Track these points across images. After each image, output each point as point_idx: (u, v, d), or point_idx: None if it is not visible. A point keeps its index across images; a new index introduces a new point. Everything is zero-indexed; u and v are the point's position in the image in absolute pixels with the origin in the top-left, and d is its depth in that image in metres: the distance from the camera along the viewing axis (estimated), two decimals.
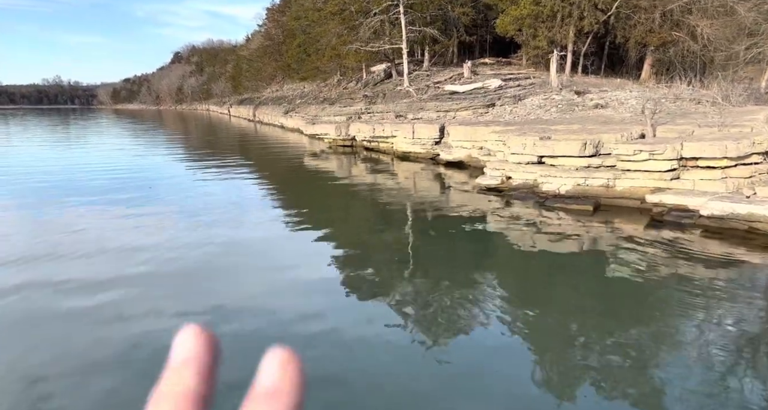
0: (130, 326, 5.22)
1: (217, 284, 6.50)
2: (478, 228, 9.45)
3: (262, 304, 5.84)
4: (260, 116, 52.79)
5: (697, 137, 9.11)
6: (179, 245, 8.14)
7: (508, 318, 5.55)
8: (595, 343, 4.94)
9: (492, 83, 19.90)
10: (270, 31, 59.51)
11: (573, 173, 10.26)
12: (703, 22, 20.42)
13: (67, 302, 5.85)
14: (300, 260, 7.67)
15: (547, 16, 22.42)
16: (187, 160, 20.92)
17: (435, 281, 6.65)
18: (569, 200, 10.01)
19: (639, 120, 12.75)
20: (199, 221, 9.74)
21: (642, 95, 16.45)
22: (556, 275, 6.95)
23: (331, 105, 31.45)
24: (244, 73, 70.64)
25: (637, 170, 9.26)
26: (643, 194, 9.29)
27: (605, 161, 10.17)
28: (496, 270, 7.35)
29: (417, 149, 18.76)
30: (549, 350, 4.85)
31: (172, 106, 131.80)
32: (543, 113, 16.30)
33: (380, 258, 7.76)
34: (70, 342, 4.89)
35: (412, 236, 9.14)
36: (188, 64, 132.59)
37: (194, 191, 13.08)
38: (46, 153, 22.93)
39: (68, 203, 11.29)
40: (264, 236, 9.01)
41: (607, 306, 5.84)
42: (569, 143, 10.44)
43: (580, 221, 9.31)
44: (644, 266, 6.97)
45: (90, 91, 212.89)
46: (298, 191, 14.36)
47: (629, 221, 9.06)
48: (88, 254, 7.64)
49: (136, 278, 6.65)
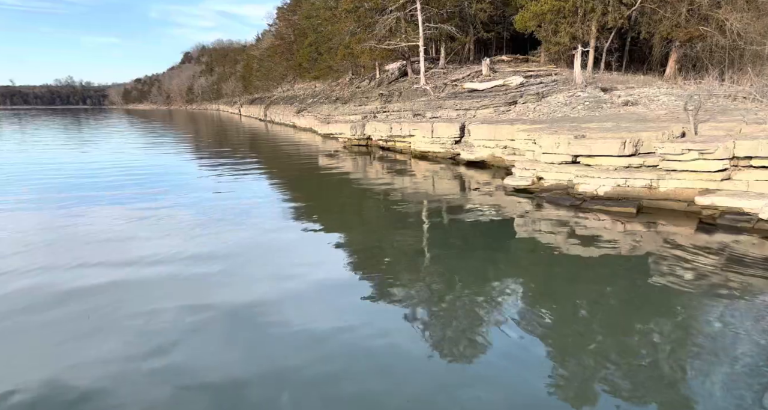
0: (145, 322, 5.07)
1: (228, 282, 6.37)
2: (507, 231, 8.92)
3: (274, 305, 5.74)
4: (271, 116, 52.55)
5: (750, 135, 8.50)
6: (191, 245, 7.93)
7: (539, 328, 5.04)
8: (632, 360, 4.40)
9: (513, 81, 19.31)
10: (281, 30, 59.24)
11: (612, 174, 9.68)
12: (733, 15, 19.67)
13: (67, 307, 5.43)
14: (315, 260, 7.42)
15: (569, 11, 21.78)
16: (199, 159, 20.55)
17: (462, 286, 6.15)
18: (609, 202, 9.44)
19: (676, 118, 12.13)
20: (213, 221, 9.49)
21: (673, 92, 15.80)
22: (596, 282, 6.39)
23: (345, 104, 31.00)
24: (255, 72, 70.51)
25: (684, 170, 8.67)
26: (690, 195, 8.71)
27: (646, 161, 9.58)
28: (528, 276, 6.80)
29: (436, 149, 18.26)
30: (582, 365, 4.32)
31: (182, 106, 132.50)
32: (570, 111, 15.71)
33: (401, 261, 7.26)
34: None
35: (434, 238, 8.61)
36: (198, 64, 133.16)
37: (208, 191, 12.72)
38: (60, 153, 22.71)
39: (79, 201, 10.96)
40: (278, 236, 8.69)
41: (652, 319, 5.29)
42: (607, 141, 9.87)
43: (621, 225, 8.73)
44: (695, 274, 6.39)
45: (101, 91, 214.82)
46: (313, 191, 13.90)
47: (676, 225, 8.47)
48: (96, 254, 7.38)
49: (145, 278, 6.53)
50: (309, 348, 4.66)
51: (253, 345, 4.75)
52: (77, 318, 5.36)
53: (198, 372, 4.27)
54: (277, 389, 4.01)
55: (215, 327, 5.13)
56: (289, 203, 11.82)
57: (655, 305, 5.66)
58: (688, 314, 5.44)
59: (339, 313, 5.47)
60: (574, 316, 5.44)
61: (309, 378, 4.16)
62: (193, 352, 4.61)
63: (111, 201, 11.33)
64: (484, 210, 10.35)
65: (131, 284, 6.33)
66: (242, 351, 4.63)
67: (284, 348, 4.68)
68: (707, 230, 8.06)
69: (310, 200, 12.57)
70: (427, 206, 11.13)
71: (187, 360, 4.47)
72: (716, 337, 4.87)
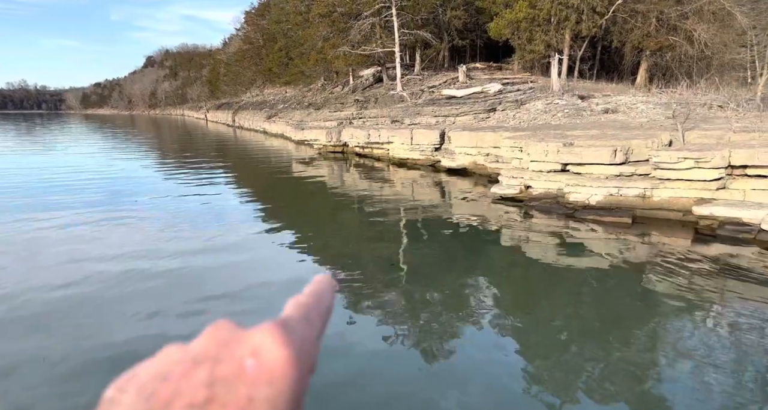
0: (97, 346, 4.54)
1: (195, 297, 5.96)
2: (494, 240, 8.59)
3: (241, 316, 5.33)
4: (240, 121, 51.29)
5: (745, 144, 8.43)
6: (156, 258, 7.35)
7: (533, 344, 4.66)
8: (631, 382, 4.07)
9: (491, 88, 19.20)
10: (249, 34, 58.07)
11: (604, 182, 9.49)
12: (700, 26, 20.19)
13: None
14: (286, 269, 7.08)
15: (543, 19, 21.92)
16: (163, 165, 19.50)
17: (446, 296, 5.72)
18: (603, 211, 9.22)
19: (660, 125, 12.14)
20: (179, 233, 8.86)
21: (649, 100, 15.96)
22: (590, 296, 6.08)
23: (318, 110, 30.37)
24: (222, 77, 68.88)
25: (679, 178, 8.53)
26: (685, 205, 8.57)
27: (638, 169, 9.43)
28: (515, 286, 6.47)
29: (415, 156, 17.89)
30: (577, 389, 3.95)
31: (145, 111, 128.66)
32: (550, 118, 15.63)
33: (378, 271, 6.79)
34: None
35: (416, 248, 8.15)
36: (162, 69, 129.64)
37: (172, 200, 12.03)
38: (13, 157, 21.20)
39: (34, 213, 10.01)
40: (246, 246, 8.19)
41: (651, 334, 4.99)
42: (598, 149, 9.68)
43: (614, 235, 8.50)
44: (694, 288, 6.15)
45: (58, 95, 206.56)
46: (286, 200, 13.23)
47: (672, 235, 8.30)
48: (45, 266, 6.83)
49: (101, 290, 6.11)
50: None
51: None
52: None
53: None
54: None
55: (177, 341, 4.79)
56: (261, 213, 11.16)
57: (660, 318, 5.36)
58: (694, 328, 5.15)
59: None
60: (563, 332, 5.09)
61: None
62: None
63: (64, 208, 10.41)
64: (470, 219, 9.98)
65: (84, 299, 5.83)
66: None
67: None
68: (705, 241, 7.90)
69: (284, 209, 11.95)
70: (410, 215, 10.68)
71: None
72: (722, 357, 4.57)
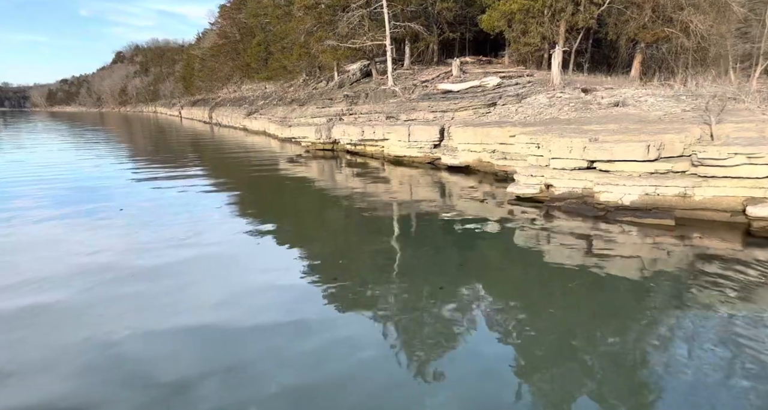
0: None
1: (179, 300, 5.71)
2: (516, 247, 7.74)
3: (229, 316, 5.28)
4: (218, 118, 49.57)
5: None
6: (131, 260, 7.00)
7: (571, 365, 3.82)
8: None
9: (490, 82, 18.40)
10: (225, 29, 56.09)
11: (638, 181, 8.74)
12: (697, 17, 19.78)
13: None
14: (277, 270, 6.76)
15: (537, 11, 21.22)
16: (137, 165, 18.07)
17: (472, 309, 4.85)
18: (640, 212, 8.48)
19: (680, 119, 11.50)
20: (154, 232, 8.38)
21: (658, 93, 15.39)
22: (638, 311, 5.29)
23: (302, 106, 29.15)
24: (197, 73, 66.60)
25: (725, 176, 7.84)
26: (731, 204, 7.89)
27: (674, 166, 8.71)
28: (552, 302, 5.62)
29: (413, 153, 17.00)
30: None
31: (115, 108, 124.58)
32: (556, 113, 14.90)
33: (378, 276, 5.89)
34: None
35: (433, 254, 7.26)
36: (132, 65, 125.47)
37: (148, 201, 11.13)
38: None
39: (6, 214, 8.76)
40: (236, 250, 7.63)
41: (711, 357, 4.22)
42: (630, 145, 8.93)
43: (653, 239, 7.71)
44: (753, 299, 5.45)
45: (22, 92, 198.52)
46: (275, 202, 12.15)
47: (719, 239, 7.57)
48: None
49: (79, 297, 5.80)
50: (271, 356, 4.45)
51: (210, 355, 4.50)
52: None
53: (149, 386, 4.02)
54: (239, 402, 3.81)
55: (168, 341, 4.76)
56: (249, 217, 10.00)
57: (712, 337, 4.57)
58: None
59: (301, 322, 5.14)
60: (597, 358, 4.27)
61: (274, 387, 4.01)
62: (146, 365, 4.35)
63: (32, 211, 9.17)
64: (487, 222, 9.12)
65: (60, 306, 5.53)
66: (199, 362, 4.37)
67: (243, 355, 4.47)
68: (759, 245, 7.22)
69: (273, 211, 10.94)
70: (417, 217, 9.75)
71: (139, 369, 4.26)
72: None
